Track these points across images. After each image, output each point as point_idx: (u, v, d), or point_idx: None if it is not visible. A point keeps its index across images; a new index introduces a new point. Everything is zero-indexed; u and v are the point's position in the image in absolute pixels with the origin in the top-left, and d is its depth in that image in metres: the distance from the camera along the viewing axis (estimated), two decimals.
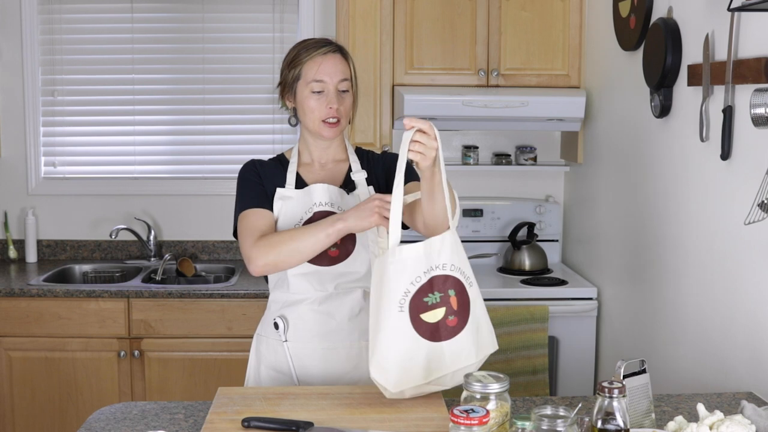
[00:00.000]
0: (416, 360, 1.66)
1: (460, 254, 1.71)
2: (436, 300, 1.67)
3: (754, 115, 1.90)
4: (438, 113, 3.29)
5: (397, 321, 1.64)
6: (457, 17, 3.38)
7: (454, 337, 1.68)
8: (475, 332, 1.71)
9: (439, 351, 1.67)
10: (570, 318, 3.24)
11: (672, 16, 2.52)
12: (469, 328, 1.70)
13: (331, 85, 2.01)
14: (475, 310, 1.71)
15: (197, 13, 3.77)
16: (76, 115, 3.80)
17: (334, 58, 2.03)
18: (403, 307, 1.65)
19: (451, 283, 1.68)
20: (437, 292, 1.67)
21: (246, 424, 1.60)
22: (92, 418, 1.74)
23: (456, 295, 1.68)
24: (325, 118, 2.02)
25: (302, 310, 2.03)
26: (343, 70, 2.03)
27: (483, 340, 1.73)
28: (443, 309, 1.67)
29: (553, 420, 1.38)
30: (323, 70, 2.01)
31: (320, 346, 2.03)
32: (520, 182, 3.84)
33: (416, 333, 1.65)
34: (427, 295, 1.66)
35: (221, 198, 3.78)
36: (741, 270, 2.13)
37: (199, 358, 3.24)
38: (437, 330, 1.66)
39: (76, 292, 3.21)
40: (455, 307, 1.68)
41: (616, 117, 3.09)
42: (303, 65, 2.02)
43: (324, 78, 2.01)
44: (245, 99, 3.81)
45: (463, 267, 1.71)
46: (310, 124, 2.04)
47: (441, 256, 1.68)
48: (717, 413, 1.51)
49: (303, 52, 2.04)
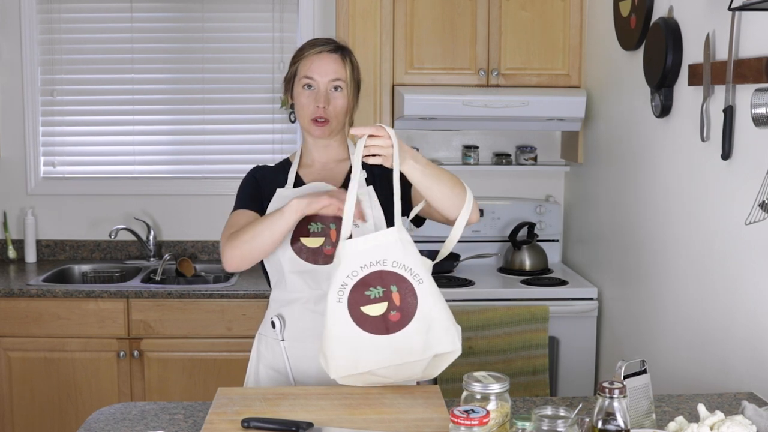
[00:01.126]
0: (356, 350, 1.72)
1: (407, 252, 1.75)
2: (378, 294, 1.73)
3: (755, 115, 1.90)
4: (438, 113, 3.29)
5: (334, 311, 1.72)
6: (458, 17, 3.38)
7: (398, 332, 1.73)
8: (424, 331, 1.74)
9: (382, 344, 1.72)
10: (570, 318, 3.24)
11: (672, 16, 2.52)
12: (414, 325, 1.73)
13: (321, 83, 2.03)
14: (424, 308, 1.74)
15: (197, 12, 3.76)
16: (75, 114, 3.80)
17: (328, 58, 2.04)
18: (342, 299, 1.72)
19: (394, 279, 1.73)
20: (379, 286, 1.73)
21: (246, 425, 1.60)
22: (91, 419, 1.73)
23: (398, 292, 1.73)
24: (313, 116, 2.04)
25: (298, 309, 2.03)
26: (336, 70, 2.04)
27: (434, 339, 1.74)
28: (385, 304, 1.73)
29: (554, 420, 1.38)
30: (315, 68, 2.03)
31: (316, 347, 2.02)
32: (520, 182, 3.83)
33: (355, 324, 1.72)
34: (368, 289, 1.73)
35: (221, 198, 3.76)
36: (742, 270, 2.13)
37: (198, 359, 3.24)
38: (380, 323, 1.73)
39: (75, 293, 3.20)
40: (397, 303, 1.73)
41: (616, 117, 3.08)
42: (300, 62, 2.07)
43: (314, 76, 2.03)
44: (245, 99, 3.81)
45: (411, 264, 1.74)
46: (302, 121, 2.08)
47: (384, 252, 1.73)
48: (718, 414, 1.51)
49: (305, 48, 2.08)
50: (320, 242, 2.00)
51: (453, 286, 3.29)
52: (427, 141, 3.76)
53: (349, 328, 1.72)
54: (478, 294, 3.24)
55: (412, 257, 1.75)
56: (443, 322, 1.75)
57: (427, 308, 1.74)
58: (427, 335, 1.74)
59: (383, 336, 1.72)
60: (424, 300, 1.74)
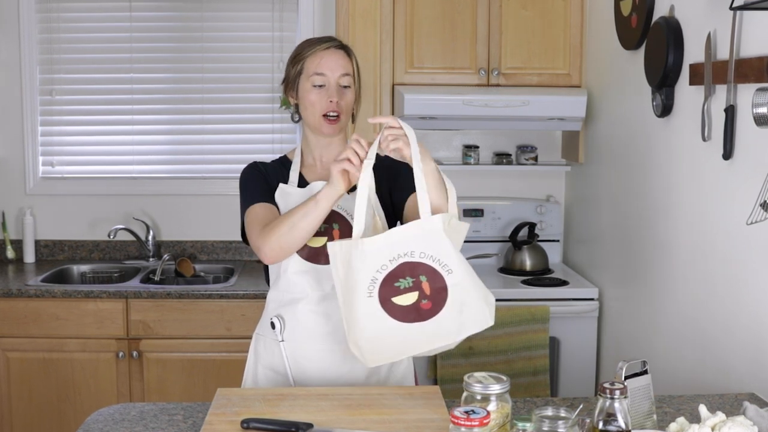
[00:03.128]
0: (390, 340, 1.74)
1: (432, 242, 1.74)
2: (408, 284, 1.74)
3: (756, 115, 1.90)
4: (438, 113, 3.28)
5: (367, 306, 1.72)
6: (458, 16, 3.37)
7: (431, 318, 1.74)
8: (456, 315, 1.74)
9: (415, 331, 1.73)
10: (571, 318, 3.23)
11: (674, 15, 2.51)
12: (446, 311, 1.74)
13: (332, 78, 2.03)
14: (455, 296, 1.74)
15: (196, 12, 3.76)
16: (74, 114, 3.79)
17: (336, 53, 2.05)
18: (372, 293, 1.73)
19: (422, 269, 1.74)
20: (409, 277, 1.74)
21: (245, 425, 1.60)
22: (90, 420, 1.73)
23: (428, 281, 1.74)
24: (326, 112, 2.03)
25: (299, 310, 2.02)
26: (344, 65, 2.05)
27: (468, 320, 1.75)
28: (416, 293, 1.73)
29: (554, 421, 1.38)
30: (324, 63, 2.03)
31: (316, 348, 2.02)
32: (520, 182, 3.83)
33: (388, 315, 1.72)
34: (398, 281, 1.73)
35: (221, 198, 3.77)
36: (743, 270, 2.12)
37: (198, 359, 3.23)
38: (412, 312, 1.73)
39: (74, 293, 3.20)
40: (428, 292, 1.74)
41: (617, 116, 3.08)
42: (305, 59, 2.05)
43: (325, 71, 2.03)
44: (244, 98, 3.80)
45: (438, 254, 1.74)
46: (311, 119, 2.06)
47: (408, 244, 1.74)
48: (719, 414, 1.51)
49: (306, 47, 2.07)
50: (323, 242, 1.99)
51: None
52: (427, 141, 3.76)
53: (383, 321, 1.73)
54: None
55: (440, 247, 1.74)
56: (475, 302, 1.76)
57: (458, 295, 1.74)
58: (460, 317, 1.75)
59: (416, 323, 1.73)
60: (454, 288, 1.74)
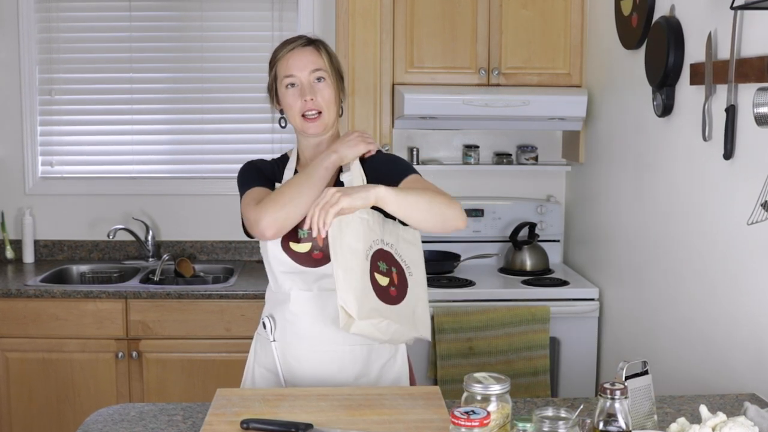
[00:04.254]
0: (370, 300, 1.86)
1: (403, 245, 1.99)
2: (385, 268, 1.92)
3: (757, 114, 1.89)
4: (438, 112, 3.28)
5: (364, 264, 1.87)
6: (458, 16, 3.37)
7: (395, 305, 1.91)
8: (411, 312, 1.95)
9: (386, 309, 1.89)
10: (571, 319, 3.23)
11: (674, 15, 2.51)
12: (404, 305, 1.93)
13: (302, 77, 2.02)
14: (412, 296, 1.96)
15: (196, 11, 3.75)
16: (73, 114, 3.78)
17: (302, 51, 2.04)
18: (368, 256, 1.89)
19: (393, 262, 1.95)
20: (385, 263, 1.93)
21: (245, 426, 1.60)
22: (90, 420, 1.73)
23: (396, 274, 1.94)
24: (304, 111, 2.02)
25: (288, 310, 2.03)
26: (314, 60, 2.03)
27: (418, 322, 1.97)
28: (388, 279, 1.92)
29: (555, 422, 1.38)
30: (293, 64, 2.03)
31: (305, 348, 2.02)
32: (521, 182, 3.82)
33: (370, 283, 1.88)
34: (380, 261, 1.92)
35: (220, 198, 3.77)
36: (743, 270, 2.12)
37: (197, 359, 3.23)
38: (385, 293, 1.90)
39: (73, 293, 3.19)
40: (396, 282, 1.94)
41: (617, 116, 3.07)
42: (277, 64, 2.07)
43: (294, 72, 2.02)
44: (244, 98, 3.80)
45: (405, 256, 1.98)
46: (293, 121, 2.07)
47: (383, 234, 1.95)
48: (720, 415, 1.50)
49: (277, 51, 2.08)
50: (308, 247, 2.00)
51: (453, 286, 3.28)
52: (427, 140, 3.75)
53: (368, 283, 1.87)
54: (479, 294, 3.23)
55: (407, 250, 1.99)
56: (424, 311, 1.99)
57: (414, 296, 1.96)
58: (413, 317, 1.95)
59: (384, 304, 1.89)
60: (412, 289, 1.96)
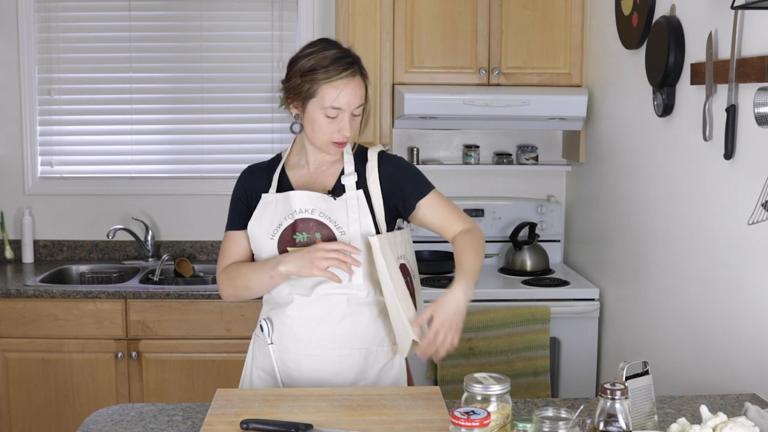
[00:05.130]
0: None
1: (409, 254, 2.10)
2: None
3: (758, 114, 1.89)
4: (438, 112, 3.27)
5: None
6: (458, 15, 3.36)
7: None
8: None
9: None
10: (572, 319, 3.23)
11: (675, 14, 2.50)
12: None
13: (347, 111, 1.96)
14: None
15: (195, 11, 3.75)
16: (73, 114, 3.78)
17: (353, 83, 1.95)
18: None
19: (406, 272, 2.04)
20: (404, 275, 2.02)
21: (245, 426, 1.60)
22: (89, 420, 1.73)
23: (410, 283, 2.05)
24: (334, 140, 1.99)
25: (286, 314, 2.02)
26: (361, 95, 1.97)
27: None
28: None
29: (555, 422, 1.38)
30: (342, 98, 1.94)
31: (301, 351, 2.02)
32: (521, 182, 3.82)
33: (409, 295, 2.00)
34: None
35: (220, 198, 3.75)
36: (744, 270, 2.11)
37: (197, 360, 3.22)
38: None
39: (73, 293, 3.19)
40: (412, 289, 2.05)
41: (618, 116, 3.07)
42: (320, 86, 1.93)
43: (342, 106, 1.94)
44: (244, 98, 3.79)
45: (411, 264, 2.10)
46: (317, 142, 2.01)
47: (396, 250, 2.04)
48: (720, 415, 1.50)
49: (321, 70, 1.93)
50: None
51: None
52: (427, 140, 3.75)
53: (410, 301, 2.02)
54: (479, 295, 3.21)
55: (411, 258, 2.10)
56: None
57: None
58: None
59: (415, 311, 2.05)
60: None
